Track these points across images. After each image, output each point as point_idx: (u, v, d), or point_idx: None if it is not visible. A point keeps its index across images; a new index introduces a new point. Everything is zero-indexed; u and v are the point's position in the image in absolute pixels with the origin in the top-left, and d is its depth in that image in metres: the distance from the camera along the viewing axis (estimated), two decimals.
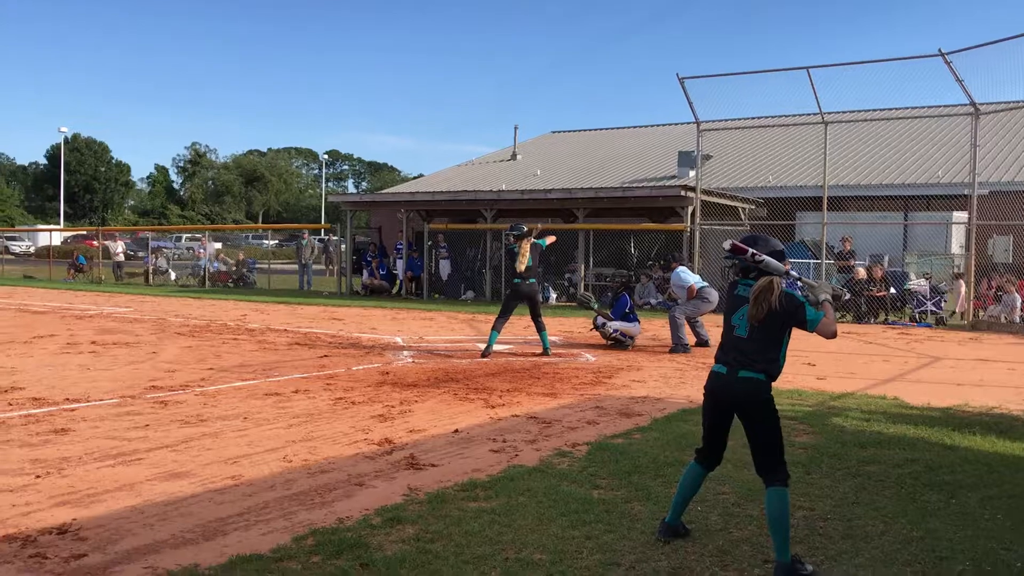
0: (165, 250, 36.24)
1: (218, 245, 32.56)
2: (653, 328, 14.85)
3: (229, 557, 4.17)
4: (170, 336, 13.80)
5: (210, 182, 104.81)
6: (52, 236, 51.68)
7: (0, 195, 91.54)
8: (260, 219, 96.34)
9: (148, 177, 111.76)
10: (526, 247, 11.83)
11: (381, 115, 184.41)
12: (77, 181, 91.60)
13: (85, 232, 55.60)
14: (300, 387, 9.08)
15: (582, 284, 21.94)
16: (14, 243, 54.72)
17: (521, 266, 11.79)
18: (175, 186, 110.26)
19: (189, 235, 52.46)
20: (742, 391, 4.32)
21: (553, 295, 22.49)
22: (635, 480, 5.59)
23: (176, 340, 13.26)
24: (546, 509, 4.97)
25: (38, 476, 5.57)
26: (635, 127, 42.08)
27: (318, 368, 10.51)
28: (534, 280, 12.02)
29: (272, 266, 32.13)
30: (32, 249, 53.07)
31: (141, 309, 19.35)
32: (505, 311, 12.00)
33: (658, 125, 40.84)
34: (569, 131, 44.13)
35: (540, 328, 11.96)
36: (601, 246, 22.93)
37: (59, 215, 74.39)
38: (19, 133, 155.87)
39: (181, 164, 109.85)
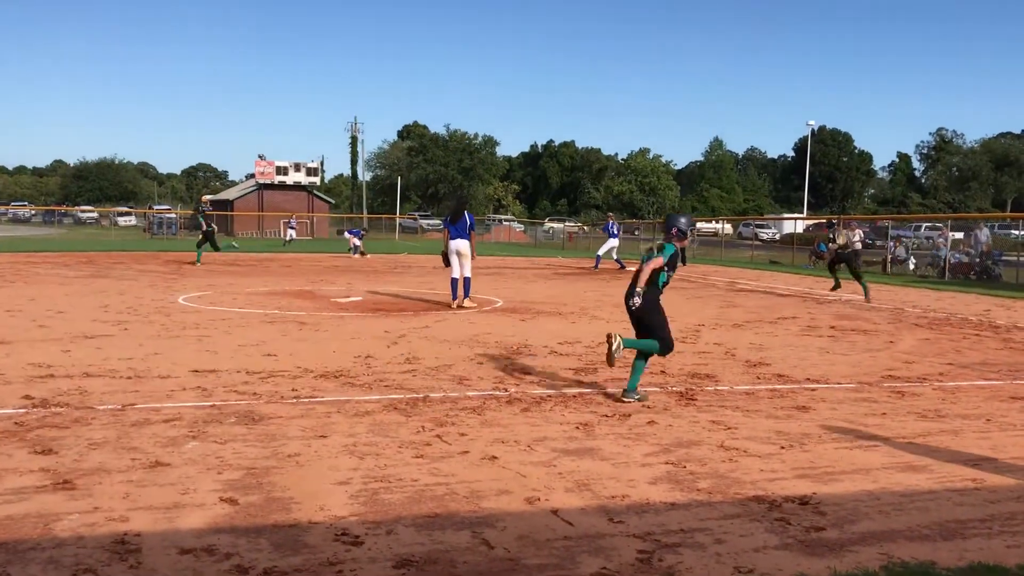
0: (904, 239, 35.73)
1: (959, 235, 30.41)
2: None
3: (969, 562, 3.97)
4: (907, 326, 13.58)
5: (954, 168, 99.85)
6: (796, 224, 54.79)
7: (752, 185, 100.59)
8: (1008, 207, 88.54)
9: (889, 165, 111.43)
10: None
11: None
12: (820, 171, 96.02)
13: (824, 221, 57.67)
14: None
15: None
16: (762, 230, 59.28)
17: None
18: (916, 173, 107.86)
19: (928, 224, 50.85)
20: None
21: None
22: None
23: (913, 331, 13.00)
24: None
25: (782, 447, 6.01)
26: None
27: None
28: None
29: (1021, 259, 29.27)
30: (777, 236, 56.93)
31: (878, 298, 19.42)
32: None
33: None
34: None
35: None
36: None
37: (803, 204, 78.46)
38: (772, 129, 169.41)
39: (924, 151, 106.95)
